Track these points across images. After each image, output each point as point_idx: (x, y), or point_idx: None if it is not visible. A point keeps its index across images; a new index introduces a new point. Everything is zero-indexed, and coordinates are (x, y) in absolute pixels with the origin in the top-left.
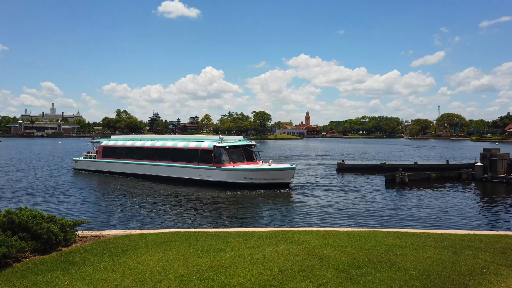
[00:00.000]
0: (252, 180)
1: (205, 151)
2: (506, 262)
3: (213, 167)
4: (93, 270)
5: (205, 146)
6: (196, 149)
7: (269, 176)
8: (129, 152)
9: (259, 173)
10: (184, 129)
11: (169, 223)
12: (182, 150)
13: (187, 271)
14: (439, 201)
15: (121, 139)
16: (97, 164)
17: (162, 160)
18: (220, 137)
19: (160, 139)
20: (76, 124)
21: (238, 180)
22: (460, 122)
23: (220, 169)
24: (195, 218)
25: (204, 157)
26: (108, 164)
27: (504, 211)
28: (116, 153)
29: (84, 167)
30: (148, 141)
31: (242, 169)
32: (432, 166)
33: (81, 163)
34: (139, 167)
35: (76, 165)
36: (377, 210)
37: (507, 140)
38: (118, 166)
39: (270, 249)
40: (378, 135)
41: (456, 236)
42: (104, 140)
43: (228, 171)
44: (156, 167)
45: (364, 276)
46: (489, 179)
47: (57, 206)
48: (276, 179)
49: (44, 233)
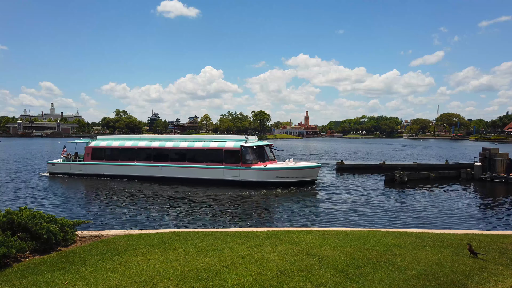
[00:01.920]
0: (283, 178)
1: (231, 151)
2: (505, 261)
3: (242, 167)
4: (93, 270)
5: (230, 146)
6: (219, 149)
7: (300, 174)
8: (131, 153)
9: (291, 172)
10: (183, 129)
11: (169, 223)
12: (201, 151)
13: (187, 271)
14: (438, 200)
15: (114, 140)
16: (85, 167)
17: (176, 161)
18: (246, 137)
19: (167, 140)
20: (75, 124)
21: (269, 179)
22: (459, 122)
23: (250, 169)
24: (194, 218)
25: (229, 157)
26: (102, 167)
27: (502, 210)
28: (113, 154)
29: (66, 170)
30: (152, 141)
31: (273, 168)
32: (431, 166)
33: (61, 166)
34: (146, 169)
35: (53, 168)
36: (376, 210)
37: (506, 140)
38: (116, 168)
39: (270, 249)
40: (377, 135)
41: (454, 235)
42: (91, 141)
43: (259, 171)
44: (168, 169)
45: (363, 276)
46: (488, 178)
47: (55, 206)
48: (305, 177)
49: (44, 233)
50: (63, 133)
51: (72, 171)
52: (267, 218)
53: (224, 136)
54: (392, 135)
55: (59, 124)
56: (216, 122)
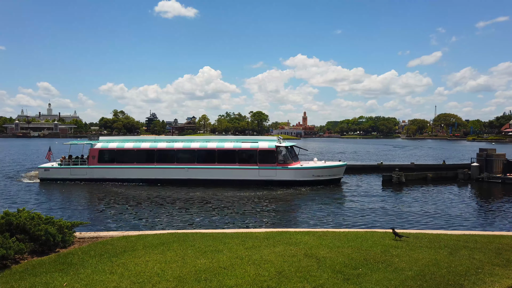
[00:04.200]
0: (318, 177)
1: (266, 151)
2: (501, 262)
3: (278, 167)
4: (92, 272)
5: (264, 146)
6: (252, 150)
7: (332, 172)
8: (150, 155)
9: (325, 171)
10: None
11: (167, 224)
12: (233, 151)
13: (185, 272)
14: (435, 201)
15: (124, 141)
16: (92, 171)
17: (204, 163)
18: (279, 137)
19: (188, 140)
20: (73, 124)
21: (306, 178)
22: (456, 122)
23: (287, 169)
24: (193, 219)
25: (264, 157)
26: (113, 171)
27: (499, 211)
28: (126, 156)
29: (64, 175)
30: (173, 142)
31: (310, 167)
32: (428, 166)
33: (58, 171)
34: (169, 171)
35: (47, 174)
36: (374, 210)
37: (503, 140)
38: (131, 172)
39: (268, 250)
40: (375, 135)
41: (451, 236)
42: (97, 142)
43: (296, 170)
44: (196, 171)
45: (360, 277)
46: (485, 179)
47: (54, 208)
48: (335, 175)
49: (42, 234)
50: (60, 134)
51: (74, 176)
52: (264, 219)
53: (253, 137)
54: (390, 135)
55: (56, 125)
56: (214, 123)
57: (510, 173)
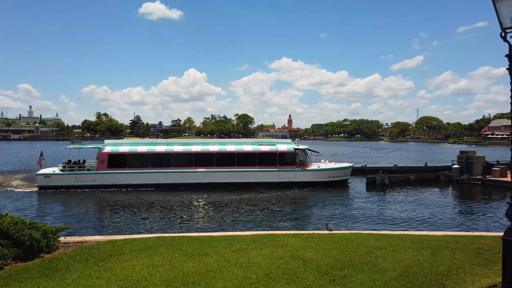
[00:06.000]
0: (334, 178)
1: (285, 153)
2: (481, 262)
3: (297, 169)
4: (78, 277)
5: (283, 149)
6: (272, 152)
7: (344, 173)
8: (165, 159)
9: (340, 171)
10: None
11: (154, 228)
12: (253, 154)
13: (173, 276)
14: (417, 202)
15: (133, 144)
16: (101, 177)
17: (223, 166)
18: (297, 140)
19: (203, 143)
20: (55, 127)
21: (323, 179)
22: (438, 125)
23: (306, 170)
24: (180, 223)
25: (284, 160)
26: (125, 176)
27: (479, 212)
28: (140, 161)
29: (69, 182)
30: (189, 145)
31: (326, 168)
32: (411, 168)
33: (61, 178)
34: (188, 175)
35: (47, 181)
36: (358, 212)
37: (482, 143)
38: (145, 177)
39: (255, 253)
40: (359, 138)
41: (433, 237)
42: (106, 146)
43: (314, 172)
44: (216, 174)
45: (346, 278)
46: (466, 181)
47: (39, 212)
48: (345, 176)
49: (27, 239)
50: (41, 137)
51: (80, 182)
52: (251, 222)
53: (271, 140)
54: (373, 138)
55: (37, 127)
56: (199, 125)
57: (489, 175)
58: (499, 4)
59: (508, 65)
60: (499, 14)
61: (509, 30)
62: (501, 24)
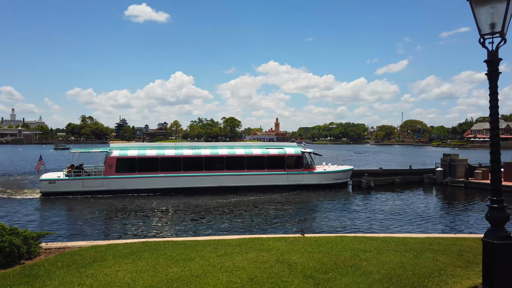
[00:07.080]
0: (337, 180)
1: (293, 157)
2: (462, 263)
3: (305, 172)
4: (59, 283)
5: (291, 152)
6: (280, 156)
7: (346, 176)
8: (175, 163)
9: (343, 174)
10: (152, 135)
11: (138, 233)
12: (262, 158)
13: (157, 281)
14: (402, 205)
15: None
16: (109, 182)
17: (233, 169)
18: (304, 144)
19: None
20: (38, 130)
21: (329, 181)
22: (422, 129)
23: (313, 173)
24: (164, 228)
25: (292, 163)
26: (135, 181)
27: (462, 214)
28: (149, 165)
29: (76, 188)
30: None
31: (332, 171)
32: (396, 171)
33: (67, 183)
34: (198, 179)
35: (52, 187)
36: (343, 215)
37: (465, 146)
38: (155, 181)
39: (240, 257)
40: (345, 141)
41: (417, 239)
42: (113, 150)
43: (321, 174)
44: (226, 178)
45: (330, 281)
46: (449, 183)
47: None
48: (347, 178)
49: (6, 246)
50: (24, 140)
51: (87, 188)
52: (238, 226)
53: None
54: (359, 141)
55: (20, 131)
56: (186, 129)
57: (472, 177)
58: (478, 11)
59: (487, 70)
60: (477, 20)
61: (487, 36)
62: (479, 31)
